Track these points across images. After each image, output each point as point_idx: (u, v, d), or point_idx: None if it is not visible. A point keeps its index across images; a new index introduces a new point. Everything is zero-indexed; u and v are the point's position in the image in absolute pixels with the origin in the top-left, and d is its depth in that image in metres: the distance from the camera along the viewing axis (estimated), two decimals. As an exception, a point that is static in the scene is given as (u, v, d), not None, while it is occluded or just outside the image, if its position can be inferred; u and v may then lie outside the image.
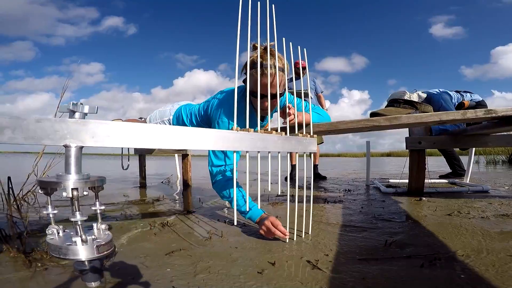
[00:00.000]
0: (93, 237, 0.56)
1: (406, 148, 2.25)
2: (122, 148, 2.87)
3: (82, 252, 0.54)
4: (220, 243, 0.97)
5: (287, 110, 1.09)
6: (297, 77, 3.46)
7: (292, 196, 1.95)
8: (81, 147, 0.65)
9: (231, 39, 0.81)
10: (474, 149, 2.90)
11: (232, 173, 1.17)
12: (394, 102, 1.60)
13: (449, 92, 2.70)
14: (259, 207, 1.10)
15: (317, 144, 1.21)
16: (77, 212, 0.56)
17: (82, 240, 0.55)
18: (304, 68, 3.21)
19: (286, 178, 3.25)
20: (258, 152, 0.86)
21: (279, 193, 2.14)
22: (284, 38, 1.07)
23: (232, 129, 0.79)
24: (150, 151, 3.09)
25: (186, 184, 2.83)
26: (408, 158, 2.23)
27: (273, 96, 1.10)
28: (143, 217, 1.42)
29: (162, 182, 3.23)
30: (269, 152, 0.89)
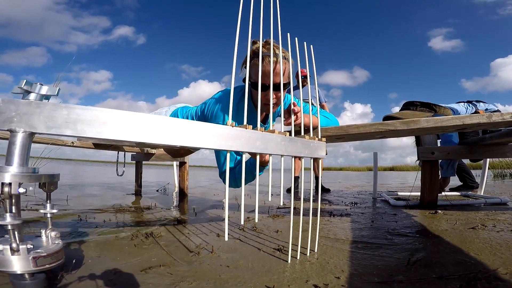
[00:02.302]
0: (28, 246, 0.42)
1: (418, 159, 2.10)
2: (118, 153, 2.76)
3: (14, 263, 0.41)
4: (210, 260, 0.81)
5: (292, 107, 0.95)
6: (303, 85, 3.34)
7: (295, 208, 1.79)
8: (31, 134, 0.52)
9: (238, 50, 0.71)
10: (488, 160, 2.73)
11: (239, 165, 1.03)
12: (410, 105, 1.46)
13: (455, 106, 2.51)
14: (257, 220, 0.95)
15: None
16: (8, 214, 0.42)
17: (12, 249, 0.41)
18: (306, 77, 3.10)
19: (288, 190, 3.09)
20: (257, 154, 0.72)
21: (281, 205, 1.99)
22: (288, 34, 0.95)
23: (226, 124, 0.66)
24: (147, 158, 2.98)
25: (182, 193, 2.68)
26: (419, 170, 2.08)
27: (277, 88, 0.96)
28: (127, 226, 1.27)
29: (157, 190, 3.09)
30: (270, 155, 0.76)
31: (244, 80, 1.11)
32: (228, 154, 0.64)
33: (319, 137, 0.96)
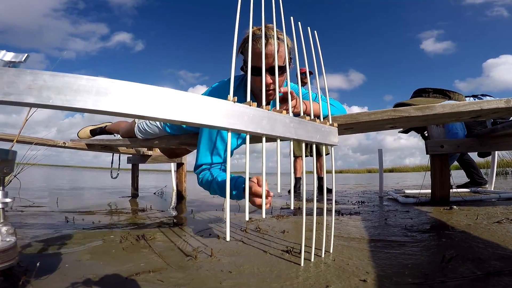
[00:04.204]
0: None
1: (427, 153, 2.00)
2: (112, 155, 2.64)
3: None
4: (209, 265, 0.70)
5: (289, 94, 0.81)
6: (302, 84, 3.23)
7: (299, 208, 1.68)
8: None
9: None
10: (496, 154, 2.64)
11: (223, 169, 0.92)
12: (422, 92, 1.36)
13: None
14: (264, 216, 0.83)
15: (324, 155, 0.96)
16: None
17: None
18: (305, 73, 3.00)
19: (289, 192, 2.98)
20: (263, 136, 0.61)
21: (292, 200, 1.88)
22: (292, 18, 0.85)
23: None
24: (143, 160, 2.86)
25: (180, 195, 2.55)
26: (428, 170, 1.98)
27: (273, 70, 0.86)
28: (117, 228, 1.15)
29: (154, 193, 2.96)
30: (277, 139, 0.65)
31: (241, 68, 1.01)
32: (229, 135, 0.53)
33: (330, 122, 0.86)
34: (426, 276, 0.57)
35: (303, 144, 0.73)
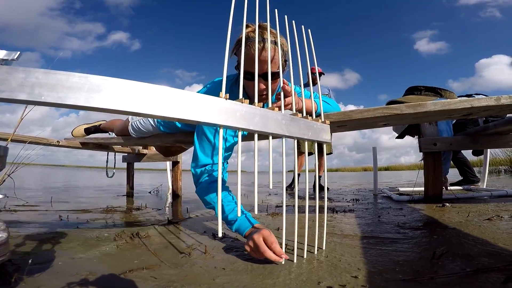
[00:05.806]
0: None
1: (420, 151, 2.02)
2: (107, 154, 2.63)
3: None
4: (202, 262, 0.70)
5: (283, 85, 0.79)
6: (314, 83, 3.16)
7: (294, 206, 1.69)
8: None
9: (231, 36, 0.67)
10: (489, 152, 2.68)
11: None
12: (414, 89, 1.38)
13: None
14: (256, 212, 0.84)
15: (326, 154, 0.96)
16: None
17: None
18: (321, 74, 2.97)
19: (286, 188, 2.99)
20: (255, 133, 0.62)
21: (285, 198, 1.89)
22: (286, 16, 0.85)
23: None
24: (138, 159, 2.85)
25: (175, 194, 2.55)
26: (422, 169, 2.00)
27: (266, 76, 0.84)
28: (112, 227, 1.14)
29: (150, 192, 2.95)
30: (270, 136, 0.65)
31: (236, 67, 1.01)
32: (221, 131, 0.53)
33: (323, 119, 0.86)
34: (416, 273, 0.58)
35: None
